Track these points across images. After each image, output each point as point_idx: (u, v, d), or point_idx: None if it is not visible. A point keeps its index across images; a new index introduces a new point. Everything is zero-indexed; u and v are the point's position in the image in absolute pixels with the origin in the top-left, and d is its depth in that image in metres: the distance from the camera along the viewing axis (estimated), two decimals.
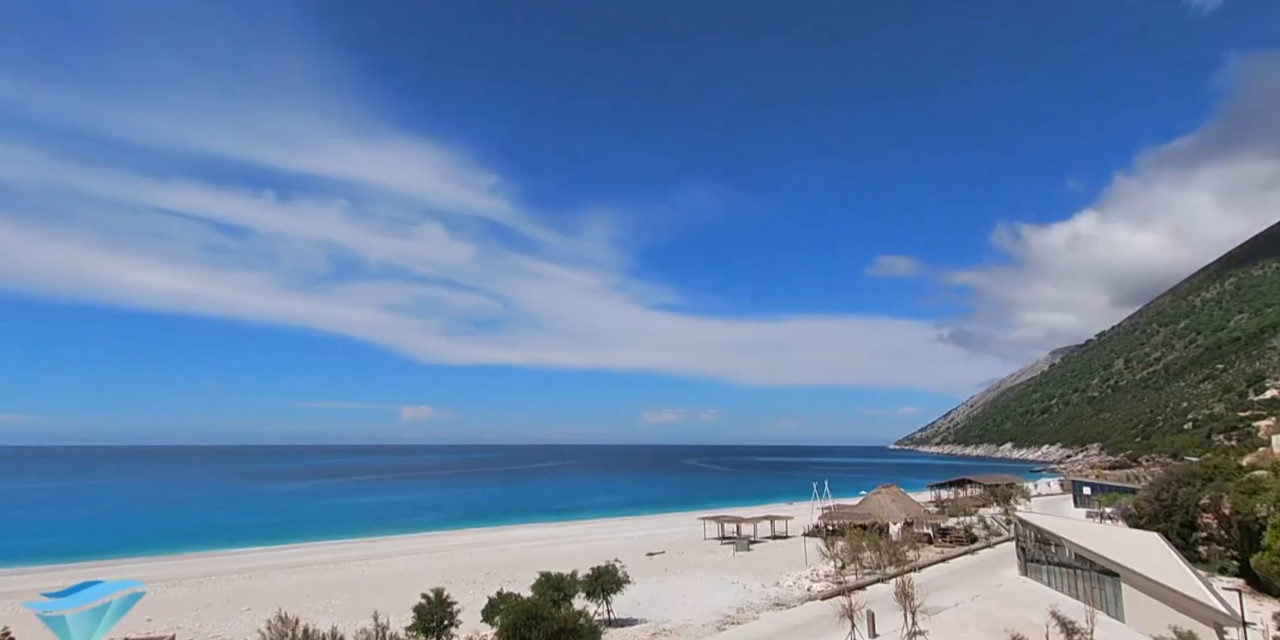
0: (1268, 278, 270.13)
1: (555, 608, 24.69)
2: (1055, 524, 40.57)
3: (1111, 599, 32.28)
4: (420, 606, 25.07)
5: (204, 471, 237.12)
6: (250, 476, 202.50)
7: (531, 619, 22.60)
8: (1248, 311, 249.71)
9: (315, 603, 37.42)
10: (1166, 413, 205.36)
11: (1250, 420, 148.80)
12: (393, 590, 39.64)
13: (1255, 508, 39.87)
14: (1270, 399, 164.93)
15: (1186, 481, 46.75)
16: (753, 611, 33.20)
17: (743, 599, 36.16)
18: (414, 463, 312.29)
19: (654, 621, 31.36)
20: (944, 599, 32.45)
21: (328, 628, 22.59)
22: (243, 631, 31.29)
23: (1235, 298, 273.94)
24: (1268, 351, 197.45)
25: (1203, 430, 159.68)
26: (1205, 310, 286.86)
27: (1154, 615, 29.27)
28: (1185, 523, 44.43)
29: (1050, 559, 37.14)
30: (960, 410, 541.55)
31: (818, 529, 60.35)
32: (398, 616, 26.26)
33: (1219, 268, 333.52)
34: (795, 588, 39.14)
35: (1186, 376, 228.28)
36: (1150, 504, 47.60)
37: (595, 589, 30.54)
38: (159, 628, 32.08)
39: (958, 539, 55.97)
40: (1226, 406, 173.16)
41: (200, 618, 34.99)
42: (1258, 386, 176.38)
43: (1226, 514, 41.87)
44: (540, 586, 27.91)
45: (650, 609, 33.86)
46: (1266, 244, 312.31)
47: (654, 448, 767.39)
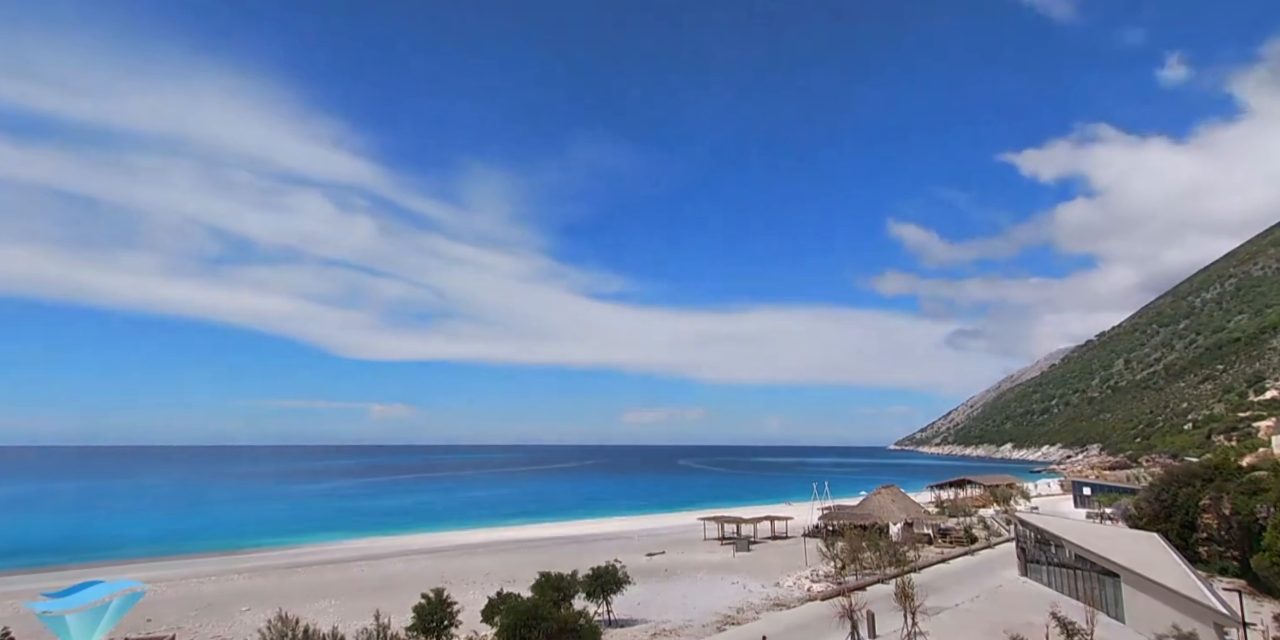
0: (1268, 278, 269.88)
1: (555, 608, 24.70)
2: (1055, 524, 40.56)
3: (1111, 599, 32.26)
4: (420, 606, 25.08)
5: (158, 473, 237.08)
6: (239, 478, 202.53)
7: (531, 619, 22.61)
8: (1248, 312, 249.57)
9: (315, 603, 37.41)
10: (1166, 413, 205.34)
11: (1250, 421, 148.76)
12: (393, 590, 39.64)
13: (1255, 508, 39.83)
14: (1270, 399, 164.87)
15: (1186, 482, 46.69)
16: (753, 612, 33.19)
17: (743, 599, 36.16)
18: (369, 465, 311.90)
19: (654, 622, 31.35)
20: (944, 599, 32.48)
21: (328, 628, 22.61)
22: (243, 631, 31.28)
23: (1235, 298, 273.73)
24: (1268, 352, 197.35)
25: (1203, 431, 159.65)
26: (1205, 310, 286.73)
27: (1154, 616, 29.26)
28: (1185, 523, 44.39)
29: (1050, 559, 37.13)
30: (960, 410, 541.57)
31: (817, 529, 60.30)
32: (398, 616, 26.23)
33: (1219, 268, 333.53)
34: (795, 588, 39.14)
35: (1186, 377, 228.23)
36: (1150, 504, 47.56)
37: (595, 589, 30.56)
38: (159, 628, 32.09)
39: (957, 539, 55.94)
40: (1226, 407, 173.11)
41: (200, 618, 34.97)
42: (1258, 387, 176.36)
43: (1226, 514, 41.84)
44: (540, 587, 27.92)
45: (650, 609, 33.86)
46: (1266, 244, 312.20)
47: (634, 448, 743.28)
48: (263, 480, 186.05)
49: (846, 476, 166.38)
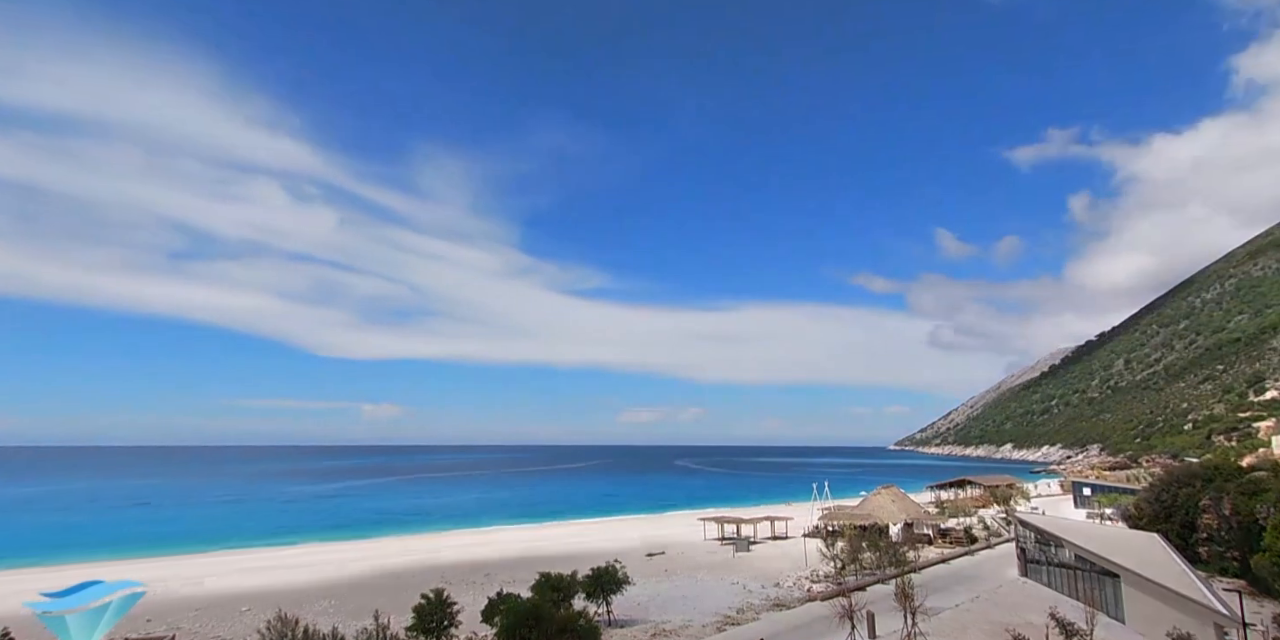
0: (1268, 278, 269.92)
1: (555, 608, 24.70)
2: (1055, 525, 40.55)
3: (1111, 600, 32.26)
4: (420, 607, 25.08)
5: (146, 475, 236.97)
6: (239, 477, 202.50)
7: (531, 619, 22.59)
8: (1248, 312, 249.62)
9: (315, 603, 37.40)
10: (1166, 413, 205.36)
11: (1250, 421, 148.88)
12: (392, 590, 39.64)
13: (1255, 508, 39.82)
14: (1270, 400, 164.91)
15: (1186, 482, 46.67)
16: (753, 612, 33.19)
17: (743, 599, 36.15)
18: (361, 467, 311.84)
19: (654, 622, 31.34)
20: (944, 600, 32.47)
21: (328, 628, 22.62)
22: (243, 631, 31.27)
23: (1235, 298, 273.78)
24: (1268, 352, 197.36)
25: (1203, 431, 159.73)
26: (1205, 310, 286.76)
27: (1154, 616, 29.25)
28: (1185, 523, 44.36)
29: (1050, 560, 37.11)
30: (960, 411, 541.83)
31: (817, 530, 60.31)
32: (398, 617, 26.26)
33: (1219, 268, 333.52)
34: (795, 588, 39.15)
35: (1186, 377, 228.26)
36: (1150, 505, 47.55)
37: (595, 589, 30.56)
38: (159, 628, 32.08)
39: (957, 540, 55.93)
40: (1226, 407, 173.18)
41: (200, 618, 34.96)
42: (1258, 387, 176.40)
43: (1226, 515, 41.81)
44: (540, 587, 27.93)
45: (650, 609, 33.86)
46: (1266, 244, 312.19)
47: (627, 449, 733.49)
48: (251, 480, 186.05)
49: (846, 477, 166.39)
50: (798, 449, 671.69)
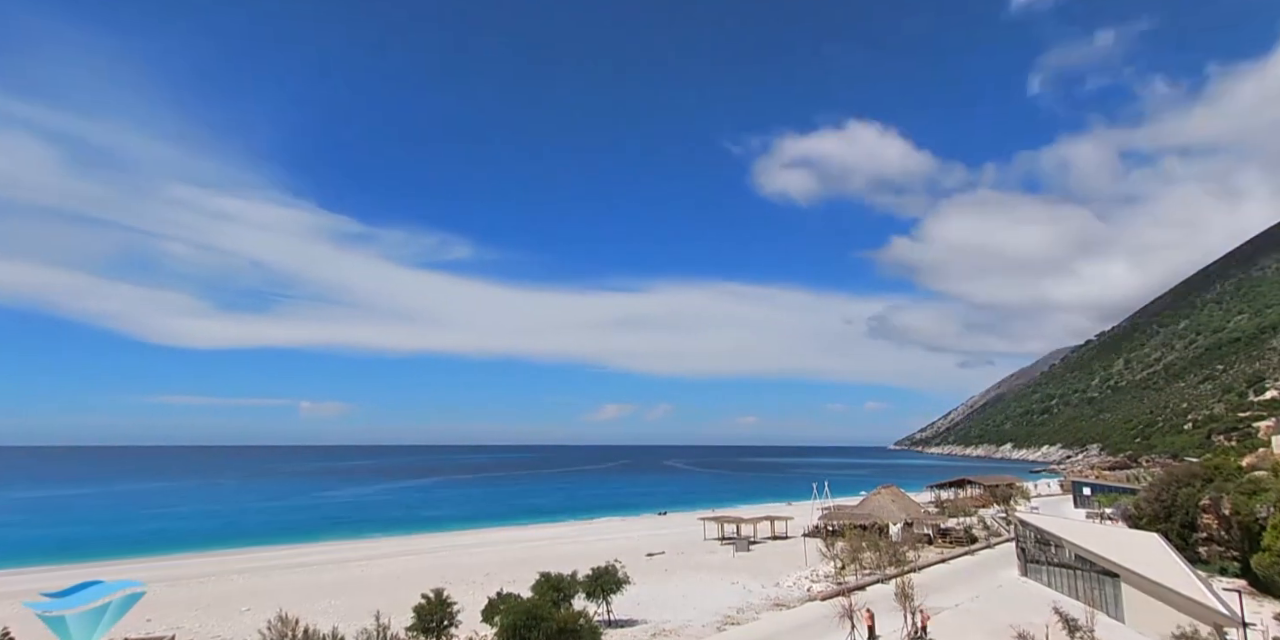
0: (1268, 278, 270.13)
1: (555, 608, 24.69)
2: (1055, 524, 40.55)
3: (1111, 600, 32.25)
4: (420, 607, 25.06)
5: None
6: (235, 475, 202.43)
7: (531, 619, 22.58)
8: (1248, 312, 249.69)
9: (315, 603, 37.40)
10: (1166, 413, 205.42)
11: (1250, 421, 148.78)
12: (393, 590, 39.62)
13: (1255, 508, 39.85)
14: (1270, 399, 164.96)
15: (1186, 482, 46.68)
16: (753, 612, 33.19)
17: (743, 599, 36.15)
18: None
19: (654, 622, 31.34)
20: (944, 600, 32.46)
21: (328, 628, 22.59)
22: (243, 631, 31.26)
23: (1235, 298, 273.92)
24: (1268, 352, 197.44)
25: (1203, 431, 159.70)
26: (1205, 310, 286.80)
27: (1154, 616, 29.25)
28: (1185, 523, 44.37)
29: (1050, 560, 37.11)
30: (960, 410, 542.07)
31: (818, 529, 60.31)
32: (398, 617, 26.22)
33: (1219, 268, 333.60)
34: (795, 588, 39.13)
35: (1186, 377, 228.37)
36: (1150, 505, 47.56)
37: (595, 589, 30.51)
38: (159, 628, 32.08)
39: (958, 540, 55.93)
40: (1226, 407, 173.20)
41: (200, 618, 34.98)
42: (1258, 387, 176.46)
43: (1227, 514, 41.83)
44: (540, 587, 27.88)
45: (650, 609, 33.85)
46: (1266, 244, 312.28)
47: (593, 449, 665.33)
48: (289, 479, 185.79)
49: (846, 476, 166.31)
50: (798, 449, 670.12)
